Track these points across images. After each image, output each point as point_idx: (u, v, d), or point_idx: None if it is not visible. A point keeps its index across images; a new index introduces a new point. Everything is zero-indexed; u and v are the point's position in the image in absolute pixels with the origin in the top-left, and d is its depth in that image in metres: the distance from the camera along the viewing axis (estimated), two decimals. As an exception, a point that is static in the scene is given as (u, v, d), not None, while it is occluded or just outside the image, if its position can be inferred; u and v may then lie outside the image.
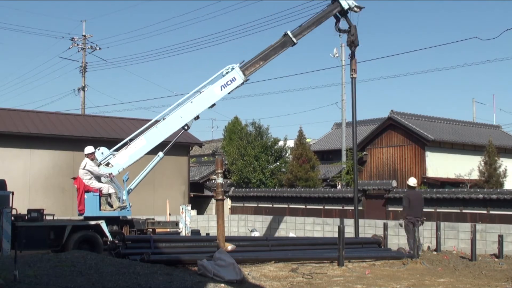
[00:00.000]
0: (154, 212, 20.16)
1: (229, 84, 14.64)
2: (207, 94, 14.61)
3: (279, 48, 15.28)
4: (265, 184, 26.37)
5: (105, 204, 13.77)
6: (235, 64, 14.84)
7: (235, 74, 14.69)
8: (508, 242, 15.34)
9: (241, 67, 14.80)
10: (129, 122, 24.48)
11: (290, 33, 15.27)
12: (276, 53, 15.25)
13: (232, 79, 14.66)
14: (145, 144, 14.29)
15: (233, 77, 14.66)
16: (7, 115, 21.42)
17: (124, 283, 8.17)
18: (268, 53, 15.18)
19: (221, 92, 14.67)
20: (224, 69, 14.81)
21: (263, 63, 15.11)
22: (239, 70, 14.73)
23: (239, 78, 14.71)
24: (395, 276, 11.37)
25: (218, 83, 14.66)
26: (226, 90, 14.68)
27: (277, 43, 15.29)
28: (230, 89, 14.72)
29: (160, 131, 14.44)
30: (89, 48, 36.95)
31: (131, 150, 14.22)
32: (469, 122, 35.98)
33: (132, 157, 14.18)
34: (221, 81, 14.67)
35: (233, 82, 14.66)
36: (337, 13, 16.14)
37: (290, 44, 15.34)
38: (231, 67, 14.77)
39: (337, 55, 30.27)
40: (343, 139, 30.22)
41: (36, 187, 20.07)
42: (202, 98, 14.60)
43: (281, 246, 13.85)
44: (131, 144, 14.31)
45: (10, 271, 8.04)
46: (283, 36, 15.35)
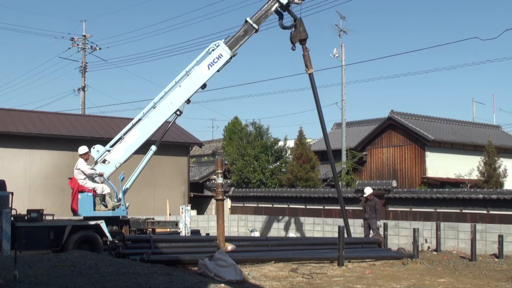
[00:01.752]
0: (154, 212, 20.17)
1: (216, 62, 14.18)
2: (195, 76, 14.19)
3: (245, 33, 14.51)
4: (265, 184, 26.37)
5: (100, 204, 13.74)
6: (220, 40, 14.40)
7: (221, 51, 14.20)
8: (508, 242, 15.34)
9: (226, 42, 14.35)
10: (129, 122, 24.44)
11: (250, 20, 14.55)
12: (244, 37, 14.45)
13: (218, 56, 14.19)
14: (139, 135, 14.09)
15: (219, 54, 14.19)
16: (7, 115, 21.42)
17: (124, 283, 8.17)
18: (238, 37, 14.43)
19: (209, 71, 14.22)
20: (210, 46, 14.36)
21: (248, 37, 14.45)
22: (225, 46, 14.23)
23: (226, 54, 14.21)
24: (395, 276, 11.38)
25: (204, 62, 14.23)
26: (214, 68, 14.23)
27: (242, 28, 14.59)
28: (217, 66, 14.24)
29: (153, 120, 14.17)
30: (89, 48, 36.99)
31: (125, 143, 14.04)
32: (469, 122, 35.99)
33: (128, 151, 14.02)
34: (207, 59, 14.23)
35: (220, 59, 14.20)
36: (278, 8, 14.99)
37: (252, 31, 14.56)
38: (216, 44, 14.31)
39: (337, 55, 30.26)
40: (343, 139, 30.21)
41: (36, 187, 20.07)
42: (190, 80, 14.19)
43: (281, 246, 13.85)
44: (125, 137, 14.14)
45: (10, 271, 8.04)
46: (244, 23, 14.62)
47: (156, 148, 14.81)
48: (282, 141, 28.47)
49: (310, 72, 15.57)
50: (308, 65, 15.48)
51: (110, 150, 14.06)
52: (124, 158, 14.05)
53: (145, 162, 14.74)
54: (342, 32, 30.96)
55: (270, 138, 27.94)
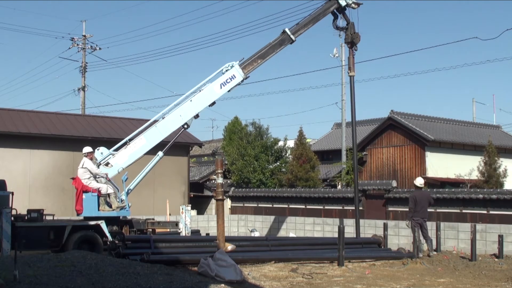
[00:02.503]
0: (154, 212, 20.16)
1: (229, 82, 14.54)
2: (206, 92, 14.50)
3: (277, 46, 15.18)
4: (265, 184, 26.37)
5: (104, 204, 13.75)
6: (235, 61, 14.74)
7: (234, 72, 14.59)
8: (508, 242, 15.33)
9: (240, 64, 14.70)
10: (129, 122, 24.48)
11: (288, 31, 15.19)
12: (275, 51, 15.14)
13: (231, 77, 14.56)
14: (145, 143, 14.24)
15: (232, 75, 14.57)
16: (7, 115, 21.42)
17: (124, 283, 8.17)
18: (266, 51, 15.09)
19: (221, 90, 14.57)
20: (224, 66, 14.71)
21: (262, 61, 15.00)
22: (239, 68, 14.63)
23: (239, 76, 14.62)
24: (395, 276, 11.37)
25: (218, 81, 14.56)
26: (226, 88, 14.59)
27: (276, 41, 15.20)
28: (229, 87, 14.61)
29: (160, 130, 14.38)
30: (89, 48, 36.98)
31: (130, 149, 14.17)
32: (469, 122, 35.99)
33: (132, 157, 14.14)
34: (220, 79, 14.57)
35: (233, 80, 14.57)
36: (335, 10, 16.00)
37: (288, 42, 15.24)
38: (230, 65, 14.66)
39: (337, 55, 30.28)
40: (343, 139, 30.22)
41: (36, 187, 20.07)
42: (202, 96, 14.49)
43: (281, 246, 13.86)
44: (131, 143, 14.26)
45: (10, 271, 8.03)
46: (281, 34, 15.26)
47: (163, 155, 14.91)
48: (282, 141, 28.47)
49: (351, 74, 16.40)
50: (351, 67, 16.29)
51: (114, 154, 14.12)
52: (127, 164, 14.15)
53: (150, 167, 14.86)
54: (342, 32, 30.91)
55: (270, 138, 27.94)
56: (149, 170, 14.88)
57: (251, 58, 14.97)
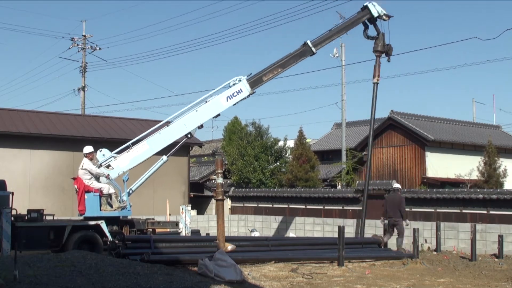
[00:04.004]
0: (154, 212, 20.17)
1: (235, 96, 14.62)
2: (212, 104, 14.57)
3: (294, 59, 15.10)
4: (265, 184, 26.37)
5: (106, 204, 13.76)
6: (243, 76, 14.81)
7: (241, 86, 14.65)
8: (508, 242, 15.34)
9: (248, 79, 14.76)
10: (129, 122, 24.49)
11: (310, 43, 15.15)
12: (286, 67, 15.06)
13: (238, 91, 14.63)
14: (147, 149, 14.28)
15: (239, 89, 14.64)
16: (7, 115, 21.42)
17: (124, 283, 8.17)
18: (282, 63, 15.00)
19: (227, 103, 14.64)
20: (231, 80, 14.79)
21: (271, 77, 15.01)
22: (246, 83, 14.68)
23: (246, 91, 14.68)
24: (395, 276, 11.38)
25: (225, 93, 14.62)
26: (232, 101, 14.66)
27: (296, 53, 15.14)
28: (235, 100, 14.70)
29: (163, 137, 14.42)
30: (89, 48, 36.93)
31: (132, 154, 14.20)
32: (469, 122, 35.99)
33: (133, 161, 14.16)
34: (227, 92, 14.64)
35: (239, 94, 14.64)
36: (366, 20, 16.30)
37: (309, 54, 15.24)
38: (238, 79, 14.73)
39: (337, 55, 30.22)
40: (343, 139, 30.21)
41: (36, 187, 20.06)
42: (208, 107, 14.56)
43: (281, 246, 13.86)
44: (133, 148, 14.30)
45: (10, 271, 8.04)
46: (302, 46, 15.22)
47: (167, 159, 14.94)
48: (282, 141, 28.47)
49: (374, 81, 16.78)
50: (375, 74, 16.68)
51: (116, 156, 14.13)
52: (129, 167, 14.18)
53: (154, 171, 14.91)
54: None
55: (270, 138, 27.94)
56: (152, 174, 14.92)
57: (257, 75, 14.97)
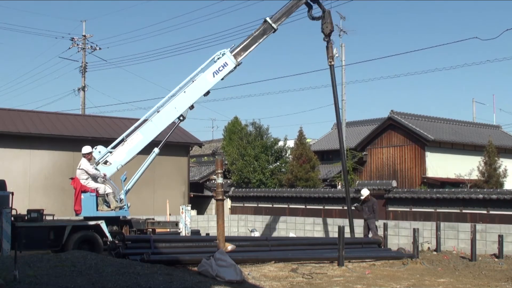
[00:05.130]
0: (154, 212, 20.16)
1: (221, 70, 14.51)
2: (200, 82, 14.47)
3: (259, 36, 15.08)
4: (265, 184, 26.37)
5: (102, 204, 13.74)
6: (226, 49, 14.70)
7: (226, 59, 14.55)
8: (508, 242, 15.34)
9: (231, 51, 14.65)
10: (129, 122, 24.44)
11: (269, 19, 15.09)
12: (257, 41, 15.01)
13: (223, 64, 14.53)
14: (142, 138, 14.22)
15: (224, 62, 14.54)
16: (7, 115, 21.42)
17: (124, 283, 8.17)
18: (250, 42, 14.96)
19: (214, 79, 14.55)
20: (215, 55, 14.68)
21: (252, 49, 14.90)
22: (230, 55, 14.59)
23: (231, 63, 14.58)
24: (395, 276, 11.38)
25: (210, 69, 14.53)
26: (219, 76, 14.56)
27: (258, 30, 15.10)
28: (222, 75, 14.58)
29: (156, 124, 14.33)
30: (89, 48, 36.96)
31: (128, 146, 14.14)
32: (469, 122, 35.98)
33: (130, 153, 14.11)
34: (212, 67, 14.55)
35: (225, 67, 14.54)
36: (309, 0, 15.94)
37: (270, 31, 15.13)
38: (222, 53, 14.63)
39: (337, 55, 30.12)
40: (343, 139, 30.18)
41: (36, 187, 20.07)
42: (195, 86, 14.46)
43: (281, 246, 13.86)
44: (128, 140, 14.24)
45: (10, 271, 8.04)
46: (263, 23, 15.15)
47: (159, 151, 14.90)
48: (282, 141, 28.47)
49: (332, 64, 16.47)
50: (331, 56, 16.38)
51: (112, 151, 14.11)
52: (126, 160, 14.13)
53: (147, 164, 14.83)
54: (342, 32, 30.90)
55: (270, 138, 27.93)
56: (146, 168, 14.81)
57: (241, 44, 14.86)
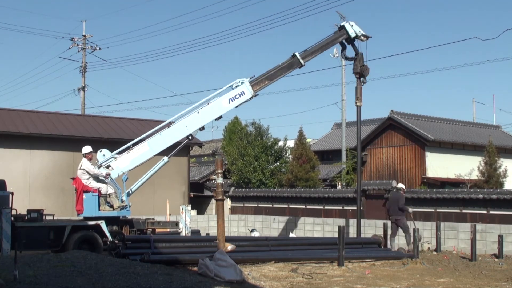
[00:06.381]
0: (154, 212, 20.16)
1: (238, 98, 14.52)
2: (214, 106, 14.46)
3: (285, 69, 15.21)
4: (265, 184, 26.37)
5: (104, 204, 13.74)
6: (245, 78, 14.71)
7: (244, 88, 14.55)
8: (508, 242, 15.34)
9: (250, 81, 14.68)
10: (129, 122, 24.49)
11: (298, 55, 15.16)
12: (283, 73, 15.19)
13: (241, 93, 14.54)
14: (148, 150, 14.20)
15: (242, 91, 14.54)
16: (7, 115, 21.42)
17: (124, 283, 8.17)
18: (275, 73, 15.09)
19: (229, 105, 14.55)
20: (234, 82, 14.71)
21: (269, 82, 15.03)
22: (249, 85, 14.58)
23: (248, 93, 14.59)
24: (395, 276, 11.38)
25: (227, 95, 14.53)
26: (234, 103, 14.58)
27: (285, 64, 15.20)
28: (238, 102, 14.62)
29: (164, 139, 14.33)
30: (89, 48, 36.96)
31: (133, 154, 14.12)
32: (469, 122, 35.97)
33: (133, 162, 14.09)
34: (229, 94, 14.55)
35: (242, 96, 14.55)
36: (344, 40, 15.98)
37: (297, 66, 15.25)
38: (241, 81, 14.65)
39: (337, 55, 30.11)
40: (343, 139, 30.21)
41: (36, 187, 20.06)
42: (209, 109, 14.45)
43: (281, 246, 13.85)
44: (134, 148, 14.22)
45: (10, 271, 8.04)
46: (291, 57, 15.23)
47: (168, 160, 14.90)
48: (282, 141, 28.47)
49: (358, 104, 16.29)
50: (358, 97, 16.17)
51: (116, 157, 14.08)
52: (129, 168, 14.12)
53: (154, 171, 14.84)
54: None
55: (270, 138, 27.94)
56: (152, 174, 14.85)
57: (260, 77, 14.93)
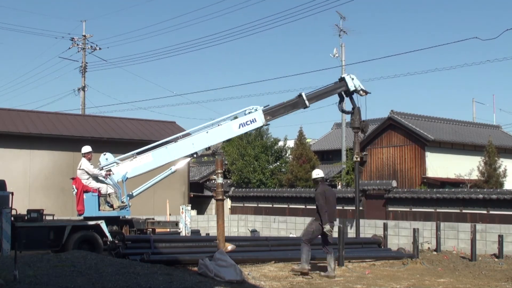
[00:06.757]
0: (154, 212, 20.16)
1: (248, 124, 14.44)
2: (224, 128, 14.39)
3: (289, 107, 15.16)
4: (265, 184, 26.37)
5: (104, 204, 13.73)
6: (259, 106, 14.65)
7: (257, 116, 14.44)
8: (508, 242, 15.34)
9: (264, 110, 14.60)
10: (129, 122, 24.49)
11: (304, 96, 15.05)
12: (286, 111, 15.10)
13: (252, 120, 14.43)
14: (151, 161, 14.10)
15: (254, 118, 14.43)
16: (7, 115, 21.42)
17: (124, 283, 8.16)
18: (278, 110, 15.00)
19: (239, 130, 14.52)
20: (247, 108, 14.66)
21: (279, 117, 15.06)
22: (262, 113, 14.44)
23: (260, 121, 14.48)
24: (395, 276, 11.38)
25: (238, 120, 14.46)
26: (244, 129, 14.57)
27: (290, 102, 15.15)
28: (248, 129, 14.64)
29: (169, 152, 14.21)
30: (89, 48, 36.94)
31: (135, 163, 14.04)
32: (469, 122, 35.96)
33: (135, 171, 14.01)
34: (241, 119, 14.49)
35: (253, 123, 14.45)
36: (342, 92, 15.79)
37: (302, 106, 15.17)
38: (254, 108, 14.58)
39: (337, 55, 30.22)
40: (343, 139, 30.21)
41: (36, 187, 20.07)
42: (219, 131, 14.39)
43: (281, 246, 13.85)
44: (138, 157, 14.14)
45: (10, 271, 8.03)
46: (297, 97, 15.17)
47: (175, 171, 14.89)
48: (282, 141, 28.48)
49: (356, 159, 16.27)
50: (357, 152, 16.03)
51: (119, 163, 14.03)
52: (129, 176, 14.05)
53: (159, 180, 14.78)
54: (342, 32, 30.96)
55: (270, 138, 27.96)
56: (156, 182, 14.79)
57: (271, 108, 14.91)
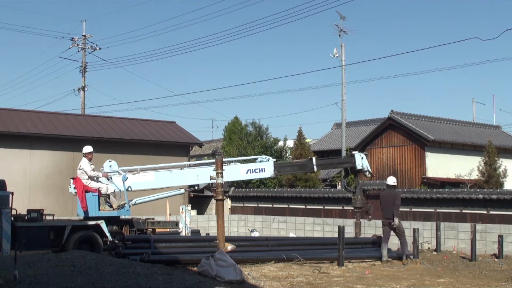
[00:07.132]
0: (154, 212, 20.15)
1: (257, 172, 14.29)
2: (232, 170, 14.15)
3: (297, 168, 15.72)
4: (265, 184, 26.37)
5: (104, 204, 13.71)
6: (271, 158, 14.61)
7: (267, 166, 14.23)
8: (508, 242, 15.35)
9: (275, 162, 14.58)
10: (129, 122, 24.48)
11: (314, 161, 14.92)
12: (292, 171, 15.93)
13: (261, 169, 14.22)
14: (152, 181, 13.98)
15: (263, 168, 14.22)
16: (7, 115, 21.43)
17: (124, 283, 8.17)
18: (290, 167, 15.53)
19: (245, 175, 14.38)
20: (260, 156, 14.65)
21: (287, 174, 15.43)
22: (272, 165, 14.25)
23: (269, 172, 14.27)
24: (395, 276, 11.38)
25: (247, 165, 14.39)
26: (251, 175, 14.47)
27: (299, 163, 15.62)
28: (254, 176, 14.55)
29: (172, 178, 14.06)
30: (89, 48, 36.93)
31: (137, 178, 13.92)
32: (469, 122, 35.99)
33: (134, 186, 13.87)
34: (251, 165, 14.42)
35: (261, 172, 14.27)
36: (349, 168, 15.73)
37: (310, 170, 15.27)
38: (267, 158, 14.51)
39: (337, 55, 30.21)
40: (343, 139, 30.21)
41: (36, 187, 20.07)
42: (226, 171, 14.35)
43: (281, 246, 13.84)
44: (141, 173, 14.05)
45: (10, 271, 8.03)
46: (308, 160, 15.32)
47: (184, 192, 14.93)
48: (282, 141, 28.49)
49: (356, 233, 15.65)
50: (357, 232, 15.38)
51: (121, 174, 13.96)
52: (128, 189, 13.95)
53: (166, 196, 14.75)
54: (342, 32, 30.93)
55: (270, 138, 27.98)
56: (162, 198, 14.76)
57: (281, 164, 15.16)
